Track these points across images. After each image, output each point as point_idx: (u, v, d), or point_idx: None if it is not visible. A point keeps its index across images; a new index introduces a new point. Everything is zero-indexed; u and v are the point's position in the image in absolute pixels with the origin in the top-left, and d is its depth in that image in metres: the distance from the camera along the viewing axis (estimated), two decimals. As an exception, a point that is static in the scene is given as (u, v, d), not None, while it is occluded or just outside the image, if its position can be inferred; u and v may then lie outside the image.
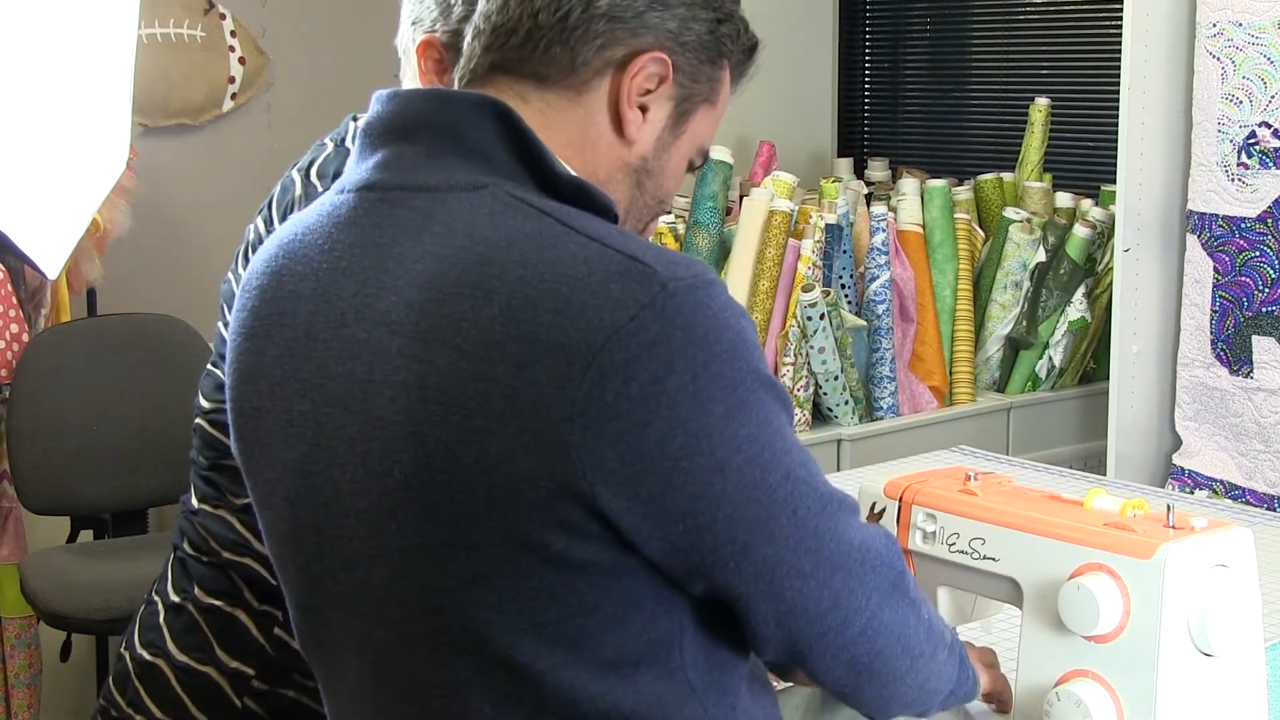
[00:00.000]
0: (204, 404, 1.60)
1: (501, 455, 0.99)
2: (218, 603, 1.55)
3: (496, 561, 1.01)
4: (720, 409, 1.00)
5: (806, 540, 1.04)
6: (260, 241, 1.55)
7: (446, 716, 1.07)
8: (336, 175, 1.49)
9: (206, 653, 1.55)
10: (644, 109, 1.16)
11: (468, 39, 1.18)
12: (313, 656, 1.19)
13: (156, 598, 1.61)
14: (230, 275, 1.60)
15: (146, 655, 1.58)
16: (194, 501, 1.60)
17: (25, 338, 3.19)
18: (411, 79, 1.61)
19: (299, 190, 1.53)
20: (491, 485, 0.99)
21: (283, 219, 1.52)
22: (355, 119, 1.56)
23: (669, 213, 3.22)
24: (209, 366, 1.61)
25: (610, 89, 1.14)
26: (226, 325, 1.58)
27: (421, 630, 1.06)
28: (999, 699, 1.32)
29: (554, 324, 0.98)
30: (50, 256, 3.15)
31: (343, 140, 1.56)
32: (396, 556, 1.05)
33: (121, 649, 1.62)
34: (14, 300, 3.17)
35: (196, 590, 1.57)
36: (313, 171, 1.55)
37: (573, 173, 1.11)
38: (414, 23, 1.58)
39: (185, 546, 1.60)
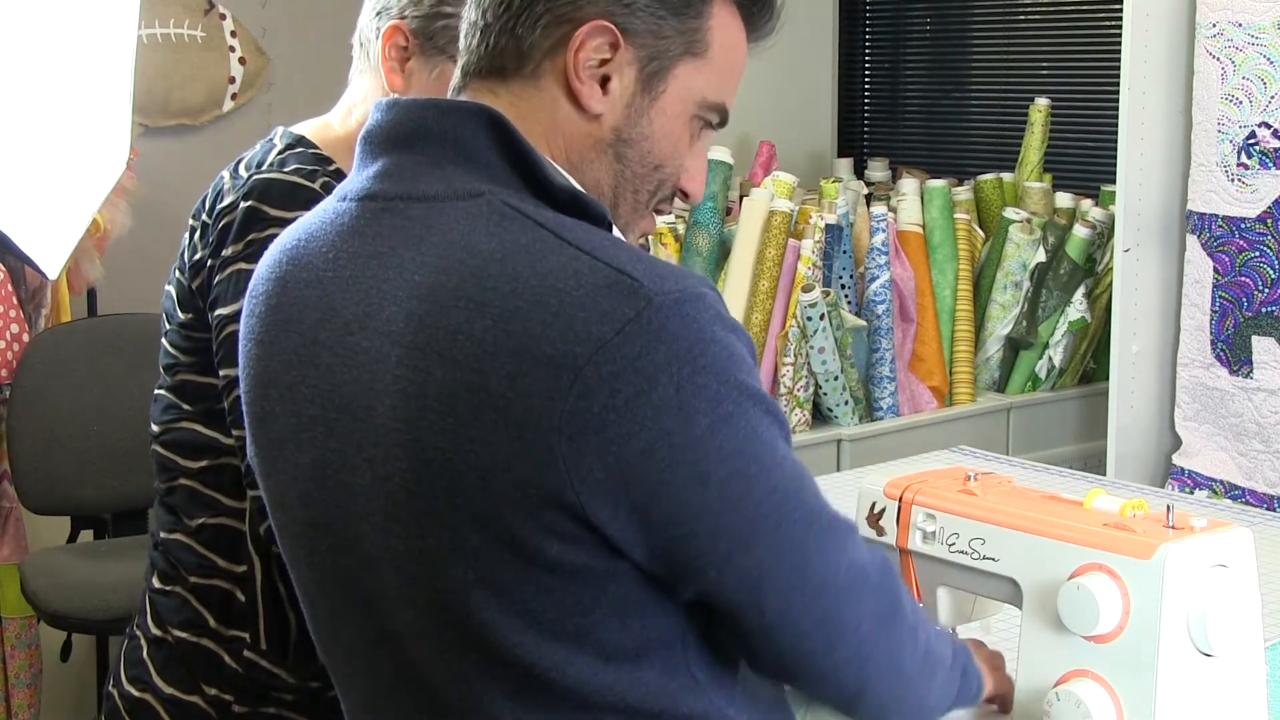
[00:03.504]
0: (154, 428, 1.60)
1: (495, 464, 1.00)
2: (184, 634, 1.56)
3: (494, 565, 1.02)
4: (705, 421, 1.00)
5: (790, 556, 1.04)
6: (194, 248, 1.56)
7: (462, 710, 1.08)
8: (259, 164, 1.54)
9: (191, 682, 1.55)
10: (607, 79, 1.14)
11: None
12: (329, 653, 1.20)
13: (138, 632, 1.61)
14: (168, 286, 1.60)
15: (134, 691, 1.58)
16: (160, 533, 1.60)
17: (25, 338, 3.19)
18: (364, 71, 1.62)
19: (227, 183, 1.55)
20: (486, 493, 1.01)
21: (210, 211, 1.54)
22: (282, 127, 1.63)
23: (684, 197, 3.21)
24: (156, 390, 1.60)
25: (562, 68, 1.14)
26: (168, 338, 1.58)
27: (433, 628, 1.07)
28: (1002, 700, 1.32)
29: (543, 336, 0.99)
30: (50, 256, 3.15)
31: (270, 139, 1.61)
32: (403, 559, 1.07)
33: (109, 687, 1.62)
34: (14, 300, 3.17)
35: (168, 624, 1.57)
36: (241, 165, 1.57)
37: (568, 180, 1.11)
38: (379, 12, 1.59)
39: (155, 580, 1.60)
